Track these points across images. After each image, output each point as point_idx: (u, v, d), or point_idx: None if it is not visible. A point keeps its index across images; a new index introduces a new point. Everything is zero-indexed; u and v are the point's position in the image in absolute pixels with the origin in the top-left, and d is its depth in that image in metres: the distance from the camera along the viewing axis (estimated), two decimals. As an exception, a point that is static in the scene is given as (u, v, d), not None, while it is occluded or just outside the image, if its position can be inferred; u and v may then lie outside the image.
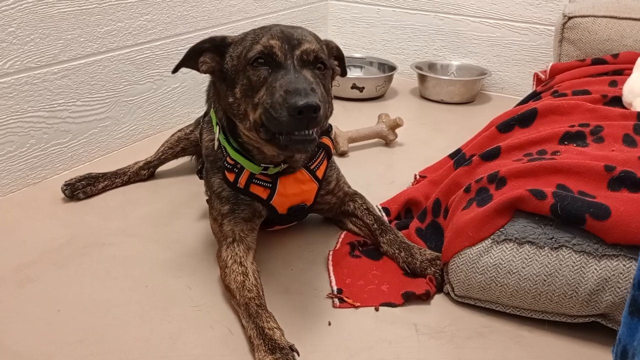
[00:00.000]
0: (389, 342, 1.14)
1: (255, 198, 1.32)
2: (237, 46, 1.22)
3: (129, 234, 1.48)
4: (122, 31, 1.86)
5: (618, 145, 1.34)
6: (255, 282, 1.21)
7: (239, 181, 1.31)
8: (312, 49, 1.17)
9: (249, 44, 1.19)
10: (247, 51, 1.18)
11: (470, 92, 2.53)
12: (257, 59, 1.15)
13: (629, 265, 1.08)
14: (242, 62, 1.18)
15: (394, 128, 2.03)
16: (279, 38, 1.16)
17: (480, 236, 1.20)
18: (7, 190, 1.64)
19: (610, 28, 2.01)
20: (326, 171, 1.40)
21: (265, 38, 1.17)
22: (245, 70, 1.17)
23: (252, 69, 1.16)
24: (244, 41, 1.21)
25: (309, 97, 1.05)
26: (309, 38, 1.20)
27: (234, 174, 1.31)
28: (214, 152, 1.36)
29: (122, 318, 1.19)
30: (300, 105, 1.04)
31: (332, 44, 1.34)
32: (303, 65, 1.16)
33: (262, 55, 1.15)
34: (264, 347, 1.05)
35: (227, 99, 1.23)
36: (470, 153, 1.57)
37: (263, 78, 1.15)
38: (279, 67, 1.14)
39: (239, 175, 1.31)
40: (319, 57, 1.19)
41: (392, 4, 2.81)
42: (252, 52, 1.16)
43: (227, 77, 1.23)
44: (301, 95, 1.05)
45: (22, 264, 1.35)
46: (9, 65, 1.56)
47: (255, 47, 1.16)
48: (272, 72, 1.14)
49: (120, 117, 1.94)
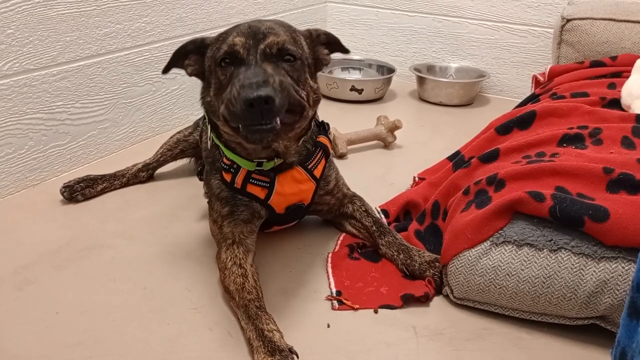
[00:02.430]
0: (387, 344, 1.14)
1: (253, 198, 1.32)
2: (212, 47, 1.25)
3: (127, 236, 1.48)
4: (121, 33, 1.86)
5: (617, 147, 1.34)
6: (255, 284, 1.21)
7: (235, 181, 1.31)
8: (276, 42, 1.17)
9: (219, 44, 1.22)
10: (216, 51, 1.22)
11: (469, 94, 2.54)
12: (223, 59, 1.18)
13: (627, 267, 1.08)
14: (213, 62, 1.23)
15: (392, 130, 2.03)
16: (244, 34, 1.18)
17: (479, 238, 1.20)
18: (5, 192, 1.63)
19: (609, 30, 2.01)
20: (324, 170, 1.40)
21: (231, 37, 1.19)
22: (215, 70, 1.21)
23: (220, 69, 1.19)
24: (217, 41, 1.24)
25: (260, 89, 1.07)
26: (277, 30, 1.20)
27: (231, 174, 1.31)
28: (213, 154, 1.37)
29: (121, 320, 1.19)
30: (251, 98, 1.07)
31: (317, 32, 1.33)
32: (265, 58, 1.17)
33: (227, 55, 1.18)
34: (263, 349, 1.05)
35: (205, 98, 1.27)
36: (469, 155, 1.57)
37: (229, 76, 1.18)
38: (242, 64, 1.16)
39: (235, 175, 1.31)
40: (284, 49, 1.18)
41: (391, 7, 2.81)
42: (220, 52, 1.20)
43: (205, 78, 1.28)
44: (253, 89, 1.07)
45: (21, 265, 1.35)
46: (8, 67, 1.56)
47: (222, 48, 1.19)
48: (235, 70, 1.17)
49: (119, 119, 1.94)
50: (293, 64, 1.20)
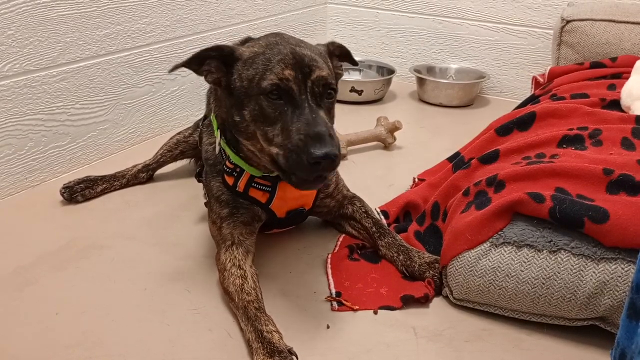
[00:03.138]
0: (387, 345, 1.14)
1: (255, 202, 1.32)
2: (247, 67, 1.18)
3: (127, 237, 1.48)
4: (121, 34, 1.86)
5: (617, 148, 1.34)
6: (254, 285, 1.21)
7: (238, 185, 1.31)
8: (323, 77, 1.16)
9: (261, 69, 1.15)
10: (260, 79, 1.15)
11: (469, 95, 2.54)
12: (272, 92, 1.14)
13: (627, 268, 1.08)
14: (255, 89, 1.16)
15: (393, 131, 2.03)
16: (293, 67, 1.14)
17: (479, 239, 1.20)
18: (5, 193, 1.63)
19: (609, 32, 2.01)
20: None
21: (279, 67, 1.14)
22: (258, 98, 1.15)
23: (267, 100, 1.14)
24: (254, 63, 1.17)
25: (329, 146, 1.07)
26: (319, 63, 1.18)
27: (233, 177, 1.31)
28: (214, 156, 1.36)
29: (121, 321, 1.19)
30: (321, 155, 1.07)
31: (334, 45, 1.33)
32: (316, 98, 1.16)
33: (278, 88, 1.13)
34: (262, 351, 1.05)
35: (232, 115, 1.21)
36: (469, 156, 1.57)
37: (279, 113, 1.14)
38: (295, 104, 1.14)
39: (238, 179, 1.31)
40: (329, 84, 1.18)
41: (391, 8, 2.81)
42: (266, 82, 1.13)
43: (234, 94, 1.20)
44: (321, 144, 1.07)
45: (21, 266, 1.35)
46: (8, 69, 1.56)
47: (269, 77, 1.14)
48: (288, 109, 1.13)
49: (119, 120, 1.94)
50: (332, 99, 1.21)
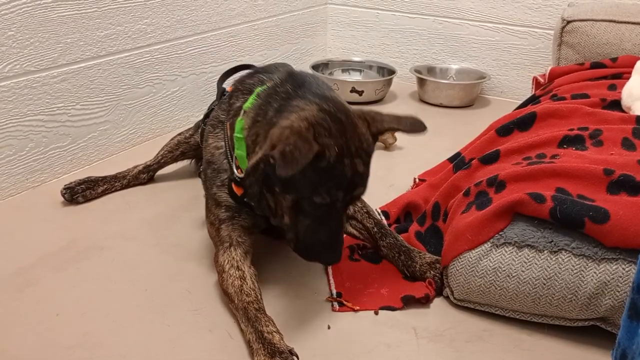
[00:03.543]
0: (388, 345, 1.14)
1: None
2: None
3: (128, 238, 1.48)
4: (121, 35, 1.86)
5: (617, 149, 1.34)
6: (253, 285, 1.20)
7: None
8: (362, 192, 1.20)
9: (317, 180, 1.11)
10: (313, 190, 1.11)
11: (469, 95, 2.54)
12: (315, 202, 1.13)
13: (628, 268, 1.08)
14: (304, 191, 1.12)
15: (393, 132, 2.03)
16: (345, 189, 1.13)
17: (479, 240, 1.19)
18: (6, 193, 1.63)
19: (609, 32, 2.01)
20: None
21: (334, 190, 1.12)
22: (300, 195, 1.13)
23: (308, 204, 1.13)
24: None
25: (334, 256, 1.19)
26: (367, 178, 1.19)
27: (242, 189, 1.26)
28: (220, 161, 1.32)
29: (121, 322, 1.19)
30: (324, 262, 1.26)
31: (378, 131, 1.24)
32: (347, 205, 1.20)
33: (324, 204, 1.13)
34: (263, 351, 1.05)
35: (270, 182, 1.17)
36: (470, 157, 1.57)
37: (308, 211, 1.15)
38: (327, 211, 1.15)
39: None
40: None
41: (392, 8, 2.81)
42: (319, 198, 1.12)
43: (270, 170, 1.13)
44: (329, 252, 1.18)
45: (21, 267, 1.35)
46: (9, 69, 1.56)
47: (324, 196, 1.12)
48: (318, 211, 1.15)
49: (120, 121, 1.94)
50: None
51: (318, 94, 1.19)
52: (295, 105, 1.15)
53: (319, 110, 1.13)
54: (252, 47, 2.44)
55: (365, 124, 1.20)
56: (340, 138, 1.12)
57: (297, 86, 1.21)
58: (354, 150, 1.14)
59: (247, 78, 1.38)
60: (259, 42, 2.48)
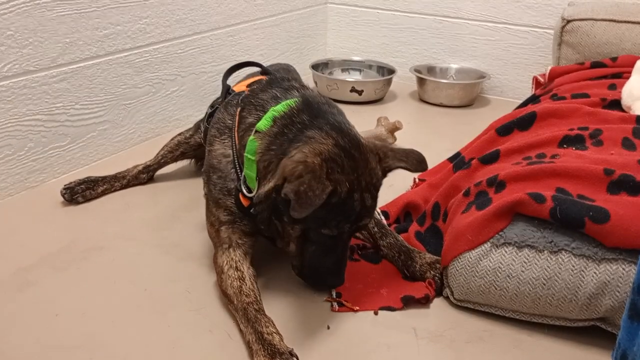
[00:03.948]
0: (388, 346, 1.14)
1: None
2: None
3: (128, 238, 1.48)
4: (120, 34, 1.86)
5: (617, 148, 1.34)
6: (253, 286, 1.20)
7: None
8: (365, 225, 1.24)
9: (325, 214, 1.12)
10: (322, 224, 1.15)
11: (469, 95, 2.54)
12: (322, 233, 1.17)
13: (628, 269, 1.08)
14: (313, 222, 1.14)
15: (393, 131, 2.03)
16: (352, 222, 1.17)
17: (479, 240, 1.19)
18: (5, 193, 1.63)
19: (609, 31, 2.01)
20: None
21: (343, 223, 1.15)
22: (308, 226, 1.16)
23: (316, 234, 1.17)
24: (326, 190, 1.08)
25: (336, 281, 1.24)
26: (373, 209, 1.22)
27: (250, 200, 1.24)
28: (227, 169, 1.30)
29: (121, 322, 1.18)
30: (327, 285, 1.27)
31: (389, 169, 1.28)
32: (352, 234, 1.23)
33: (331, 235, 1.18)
34: (263, 352, 1.05)
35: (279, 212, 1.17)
36: (470, 156, 1.57)
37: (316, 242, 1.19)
38: (333, 240, 1.19)
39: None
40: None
41: (392, 7, 2.81)
42: (327, 230, 1.16)
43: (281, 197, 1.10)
44: (332, 277, 1.23)
45: (21, 267, 1.35)
46: (8, 69, 1.56)
47: (331, 228, 1.16)
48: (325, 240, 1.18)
49: (119, 121, 1.93)
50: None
51: (335, 126, 1.19)
52: (311, 137, 1.15)
53: (334, 146, 1.14)
54: (251, 47, 2.44)
55: (376, 157, 1.22)
56: (352, 174, 1.13)
57: (313, 116, 1.20)
58: (364, 185, 1.16)
59: (260, 92, 1.32)
60: (259, 42, 2.48)
